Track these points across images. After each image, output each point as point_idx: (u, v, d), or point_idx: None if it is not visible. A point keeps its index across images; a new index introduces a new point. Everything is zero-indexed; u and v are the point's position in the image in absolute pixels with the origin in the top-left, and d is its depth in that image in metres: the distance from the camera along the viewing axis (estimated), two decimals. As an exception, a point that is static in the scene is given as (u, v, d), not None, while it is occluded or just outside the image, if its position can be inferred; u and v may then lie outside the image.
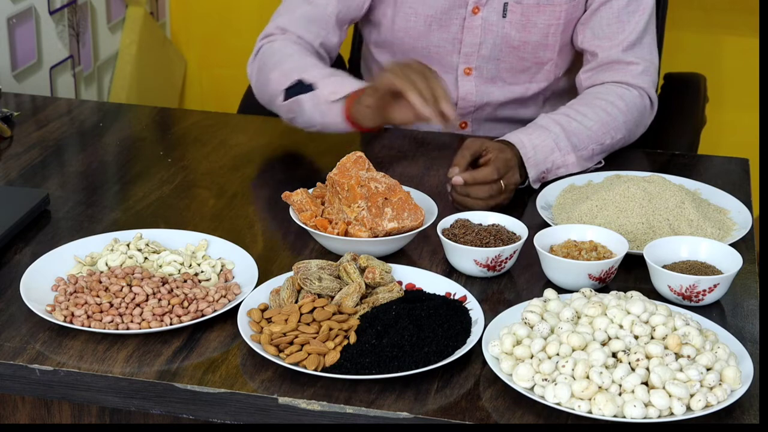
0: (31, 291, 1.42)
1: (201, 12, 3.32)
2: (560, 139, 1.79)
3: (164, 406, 1.30)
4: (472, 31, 1.99)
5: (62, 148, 1.94)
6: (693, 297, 1.45)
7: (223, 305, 1.41)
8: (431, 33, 2.00)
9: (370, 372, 1.27)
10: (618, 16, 1.95)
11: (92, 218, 1.68)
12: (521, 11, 1.96)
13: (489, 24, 1.98)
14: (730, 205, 1.71)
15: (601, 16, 1.96)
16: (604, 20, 1.95)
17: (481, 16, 1.97)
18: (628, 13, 1.95)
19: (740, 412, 1.26)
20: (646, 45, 1.97)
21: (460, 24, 1.99)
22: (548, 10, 1.96)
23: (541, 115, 1.85)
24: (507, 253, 1.50)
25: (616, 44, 1.95)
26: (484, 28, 1.98)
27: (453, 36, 2.00)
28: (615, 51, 1.95)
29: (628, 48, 1.94)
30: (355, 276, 1.42)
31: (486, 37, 1.99)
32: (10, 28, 2.47)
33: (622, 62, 1.94)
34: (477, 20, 1.98)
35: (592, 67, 1.97)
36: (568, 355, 1.27)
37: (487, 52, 2.01)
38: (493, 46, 2.00)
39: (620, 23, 1.95)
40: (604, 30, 1.96)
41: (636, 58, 1.94)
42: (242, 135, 2.00)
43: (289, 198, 1.60)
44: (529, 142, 1.76)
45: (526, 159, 1.75)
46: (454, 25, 1.99)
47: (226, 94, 3.21)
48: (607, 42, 1.95)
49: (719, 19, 3.04)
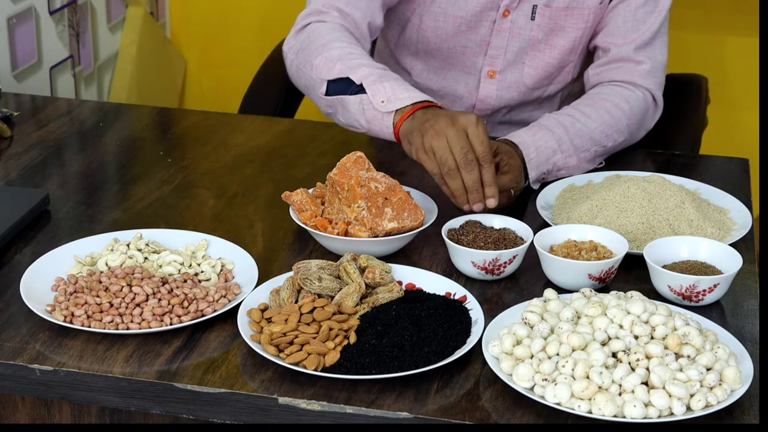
0: (31, 291, 1.42)
1: (201, 12, 3.32)
2: (563, 140, 1.78)
3: (164, 406, 1.30)
4: (500, 33, 1.97)
5: (62, 148, 1.94)
6: (693, 297, 1.45)
7: (223, 305, 1.41)
8: (459, 35, 1.98)
9: (370, 372, 1.27)
10: (635, 14, 1.94)
11: (92, 218, 1.68)
12: (550, 14, 1.95)
13: (517, 27, 1.96)
14: (730, 205, 1.71)
15: (617, 13, 1.95)
16: (620, 17, 1.95)
17: (510, 19, 1.95)
18: (645, 12, 1.94)
19: (740, 412, 1.26)
20: (658, 46, 1.96)
21: (489, 27, 1.97)
22: (577, 13, 1.95)
23: (545, 114, 1.85)
24: (505, 258, 1.50)
25: (629, 42, 1.94)
26: (512, 31, 1.97)
27: (481, 38, 1.98)
28: (627, 48, 1.94)
29: (641, 47, 1.94)
30: (355, 276, 1.42)
31: (512, 40, 1.98)
32: (10, 28, 2.47)
33: (631, 61, 1.94)
34: (506, 23, 1.96)
35: (602, 63, 1.97)
36: (568, 355, 1.27)
37: (513, 55, 1.99)
38: (519, 50, 1.99)
39: (636, 21, 1.94)
40: (619, 27, 1.95)
41: (646, 57, 1.94)
42: (242, 135, 2.00)
43: (289, 198, 1.60)
44: (533, 143, 1.76)
45: (528, 160, 1.75)
46: (484, 27, 1.97)
47: (226, 94, 3.22)
48: (621, 39, 1.95)
49: (720, 20, 3.04)
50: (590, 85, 1.98)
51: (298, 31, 1.89)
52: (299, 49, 1.85)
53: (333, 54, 1.77)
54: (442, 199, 1.68)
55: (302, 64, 1.83)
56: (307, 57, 1.82)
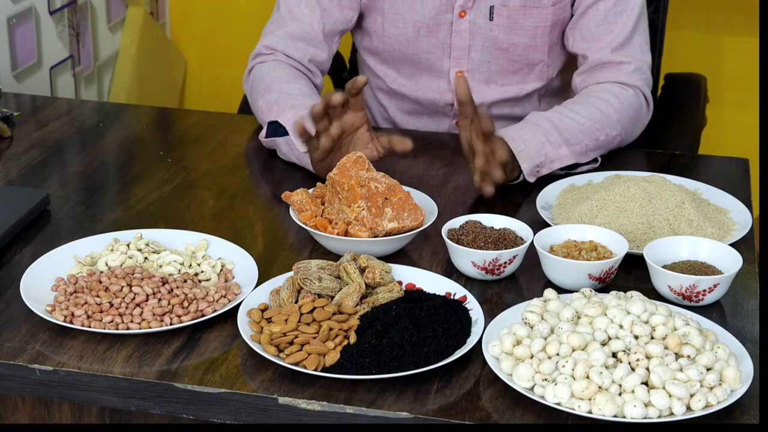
0: (31, 291, 1.42)
1: (201, 12, 3.32)
2: (550, 133, 1.79)
3: (164, 406, 1.30)
4: (460, 34, 1.99)
5: (62, 148, 1.94)
6: (693, 297, 1.45)
7: (223, 305, 1.41)
8: (420, 39, 2.01)
9: (370, 372, 1.27)
10: (605, 17, 1.95)
11: (92, 218, 1.68)
12: (507, 14, 1.96)
13: (476, 27, 1.98)
14: (730, 205, 1.71)
15: (588, 18, 1.96)
16: (592, 22, 1.96)
17: (468, 19, 1.97)
18: (615, 14, 1.95)
19: (740, 412, 1.26)
20: (636, 45, 1.97)
21: (448, 29, 1.99)
22: (535, 12, 1.96)
23: (532, 112, 1.86)
24: (505, 258, 1.50)
25: (605, 46, 1.95)
26: (472, 32, 1.99)
27: (442, 41, 2.00)
28: (604, 52, 1.95)
29: (617, 48, 1.95)
30: (355, 276, 1.42)
31: (474, 40, 1.99)
32: (10, 28, 2.47)
33: (612, 63, 1.95)
34: (464, 24, 1.98)
35: (584, 69, 1.98)
36: (568, 355, 1.27)
37: (477, 55, 2.01)
38: (482, 49, 2.00)
39: (607, 24, 1.95)
40: (592, 32, 1.96)
41: (626, 57, 1.95)
42: (242, 135, 2.00)
43: (289, 198, 1.60)
44: (519, 137, 1.77)
45: (517, 152, 1.75)
46: (443, 30, 1.99)
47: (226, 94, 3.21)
48: (596, 44, 1.96)
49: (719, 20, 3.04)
50: (578, 91, 1.99)
51: (247, 74, 2.01)
52: (249, 90, 1.98)
53: (271, 97, 1.87)
54: (442, 199, 1.68)
55: (252, 106, 1.95)
56: (254, 99, 1.93)
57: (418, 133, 2.02)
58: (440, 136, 2.03)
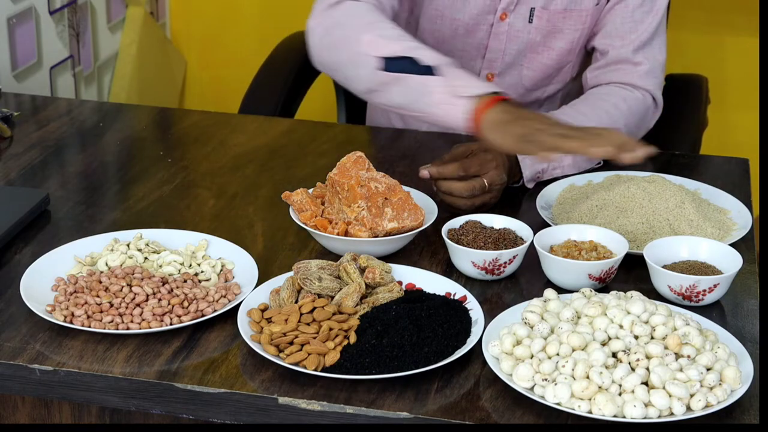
0: (31, 291, 1.42)
1: (201, 12, 3.32)
2: None
3: (164, 406, 1.30)
4: (497, 37, 1.97)
5: (62, 148, 1.94)
6: (693, 297, 1.45)
7: (223, 305, 1.41)
8: (456, 38, 1.98)
9: (370, 372, 1.27)
10: (632, 15, 1.94)
11: (92, 218, 1.68)
12: (547, 17, 1.94)
13: (515, 30, 1.96)
14: (730, 205, 1.71)
15: (615, 14, 1.95)
16: (618, 19, 1.94)
17: (507, 22, 1.95)
18: (643, 12, 1.94)
19: (740, 412, 1.26)
20: (656, 46, 1.96)
21: (487, 30, 1.97)
22: (575, 15, 1.94)
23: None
24: (505, 258, 1.50)
25: (627, 43, 1.94)
26: (510, 35, 1.97)
27: (479, 42, 1.98)
28: (626, 50, 1.94)
29: (639, 48, 1.94)
30: (355, 276, 1.42)
31: (510, 43, 1.98)
32: (10, 28, 2.47)
33: (630, 62, 1.94)
34: (503, 26, 1.96)
35: (600, 65, 1.97)
36: (568, 355, 1.27)
37: (511, 58, 1.99)
38: (517, 53, 1.99)
39: (634, 22, 1.94)
40: (617, 28, 1.95)
41: (644, 58, 1.94)
42: (242, 135, 2.00)
43: (289, 198, 1.60)
44: None
45: (521, 158, 1.75)
46: (481, 30, 1.97)
47: (226, 94, 3.21)
48: (619, 41, 1.95)
49: (720, 20, 3.04)
50: (588, 87, 1.98)
51: (329, 7, 1.81)
52: (333, 25, 1.79)
53: (386, 33, 1.72)
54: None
55: (340, 40, 1.77)
56: (350, 33, 1.75)
57: (418, 133, 2.02)
58: (440, 137, 2.02)
